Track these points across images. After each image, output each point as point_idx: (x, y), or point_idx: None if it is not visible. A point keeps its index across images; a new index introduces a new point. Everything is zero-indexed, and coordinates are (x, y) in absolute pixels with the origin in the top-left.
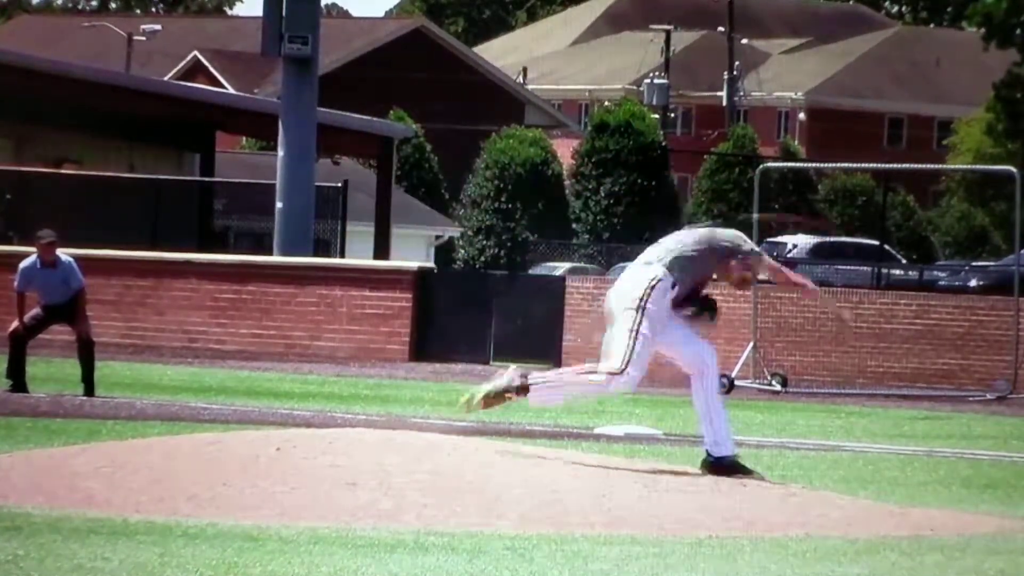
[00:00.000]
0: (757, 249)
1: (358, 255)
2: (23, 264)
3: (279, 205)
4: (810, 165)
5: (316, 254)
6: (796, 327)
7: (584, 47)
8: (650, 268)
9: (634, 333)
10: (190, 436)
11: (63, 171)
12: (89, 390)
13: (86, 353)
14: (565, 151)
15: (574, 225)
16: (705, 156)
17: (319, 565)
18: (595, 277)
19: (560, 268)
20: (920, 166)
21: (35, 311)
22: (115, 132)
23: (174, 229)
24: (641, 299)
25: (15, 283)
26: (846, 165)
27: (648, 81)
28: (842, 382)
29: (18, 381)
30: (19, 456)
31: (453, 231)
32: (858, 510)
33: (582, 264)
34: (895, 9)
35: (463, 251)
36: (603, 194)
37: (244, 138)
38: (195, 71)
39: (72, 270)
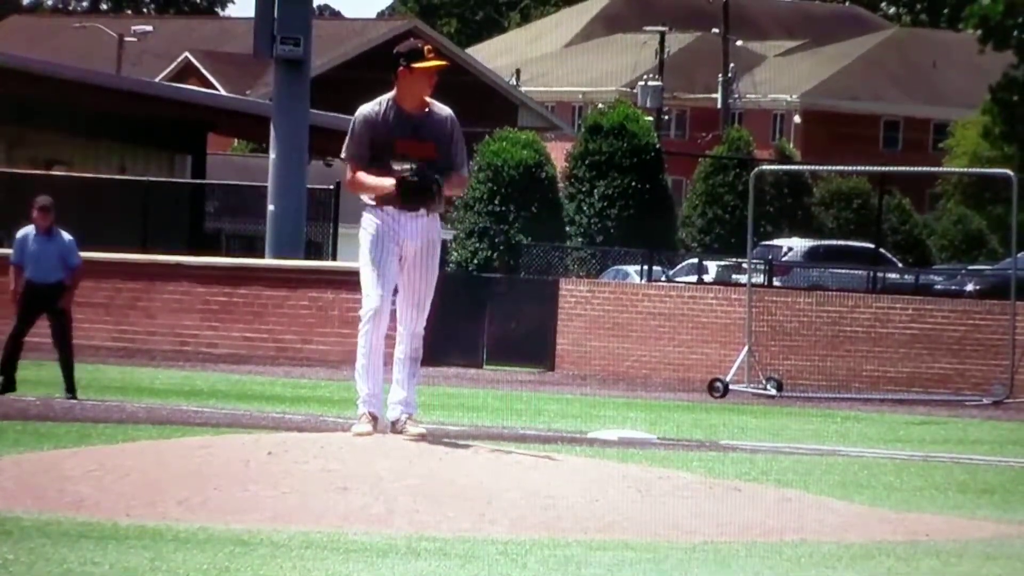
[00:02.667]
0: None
1: (350, 258)
2: (19, 233)
3: (271, 207)
4: (805, 168)
5: (308, 257)
6: (791, 331)
7: (578, 49)
8: None
9: None
10: (181, 440)
11: (54, 173)
12: (70, 386)
13: (62, 338)
14: (559, 153)
15: (568, 228)
16: (700, 159)
17: (311, 570)
18: (588, 280)
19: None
20: (916, 169)
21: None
22: (106, 134)
23: (165, 231)
24: None
25: (11, 256)
26: (842, 168)
27: (642, 83)
28: (837, 386)
29: (8, 378)
30: (8, 460)
31: (446, 234)
32: (853, 515)
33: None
34: (891, 11)
35: (456, 254)
36: (597, 197)
37: (236, 140)
38: (186, 72)
39: (72, 249)
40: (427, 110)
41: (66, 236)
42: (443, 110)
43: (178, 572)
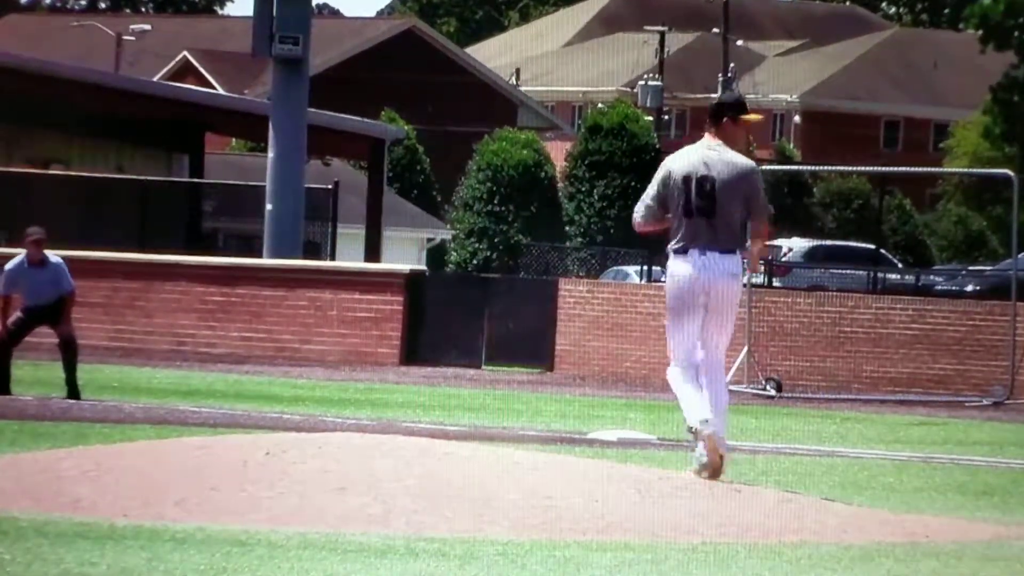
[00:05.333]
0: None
1: (349, 258)
2: (8, 265)
3: (269, 207)
4: (805, 168)
5: (306, 256)
6: (791, 331)
7: (578, 48)
8: (737, 263)
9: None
10: (178, 440)
11: (51, 172)
12: (73, 392)
13: (69, 355)
14: (558, 153)
15: (567, 228)
16: None
17: (308, 571)
18: (588, 281)
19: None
20: (917, 169)
21: (16, 315)
22: (104, 133)
23: (163, 231)
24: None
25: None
26: (842, 168)
27: (642, 83)
28: (837, 387)
29: (2, 386)
30: (5, 459)
31: (445, 234)
32: (853, 516)
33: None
34: (892, 11)
35: (455, 254)
36: (596, 196)
37: (233, 139)
38: (185, 71)
39: (62, 272)
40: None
41: (54, 259)
42: (746, 161)
43: (175, 572)
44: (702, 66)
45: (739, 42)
